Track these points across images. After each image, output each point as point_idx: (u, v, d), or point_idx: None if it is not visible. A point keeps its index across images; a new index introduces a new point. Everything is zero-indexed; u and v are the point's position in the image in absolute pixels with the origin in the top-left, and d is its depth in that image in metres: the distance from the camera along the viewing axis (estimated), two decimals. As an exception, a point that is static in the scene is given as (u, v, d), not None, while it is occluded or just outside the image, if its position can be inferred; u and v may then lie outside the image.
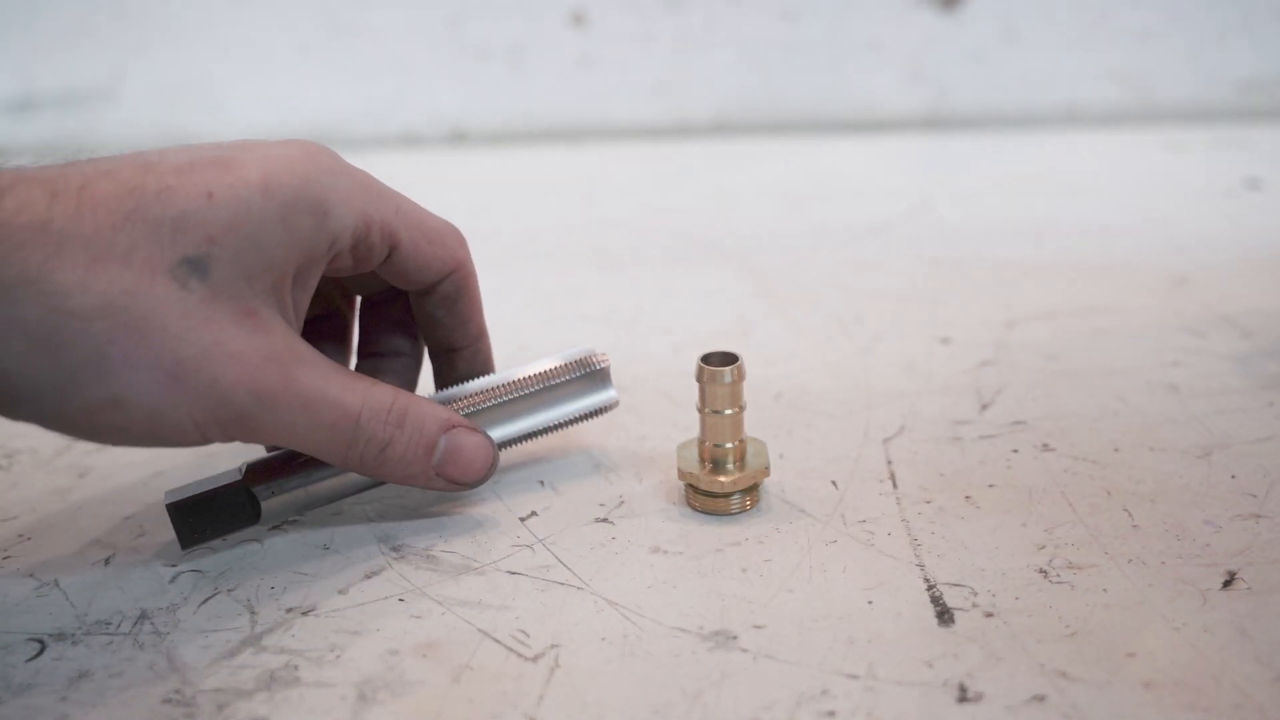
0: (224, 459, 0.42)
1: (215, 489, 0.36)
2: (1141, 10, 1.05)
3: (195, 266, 0.29)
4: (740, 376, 0.37)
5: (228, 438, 0.31)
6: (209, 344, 0.30)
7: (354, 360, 0.42)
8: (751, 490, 0.38)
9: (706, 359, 0.38)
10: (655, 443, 0.44)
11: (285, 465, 0.37)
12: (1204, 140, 0.96)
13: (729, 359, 0.38)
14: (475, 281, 0.39)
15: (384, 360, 0.41)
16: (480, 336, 0.40)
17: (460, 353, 0.40)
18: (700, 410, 0.38)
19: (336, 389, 0.32)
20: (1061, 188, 0.84)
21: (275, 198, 0.31)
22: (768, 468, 0.39)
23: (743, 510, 0.38)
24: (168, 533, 0.38)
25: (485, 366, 0.41)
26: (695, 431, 0.39)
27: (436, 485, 0.36)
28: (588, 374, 0.40)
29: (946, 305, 0.58)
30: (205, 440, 0.31)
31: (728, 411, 0.38)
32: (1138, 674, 0.29)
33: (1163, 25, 1.05)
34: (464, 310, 0.39)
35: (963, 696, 0.29)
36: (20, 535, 0.39)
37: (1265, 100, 1.06)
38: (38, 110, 1.09)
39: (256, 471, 0.36)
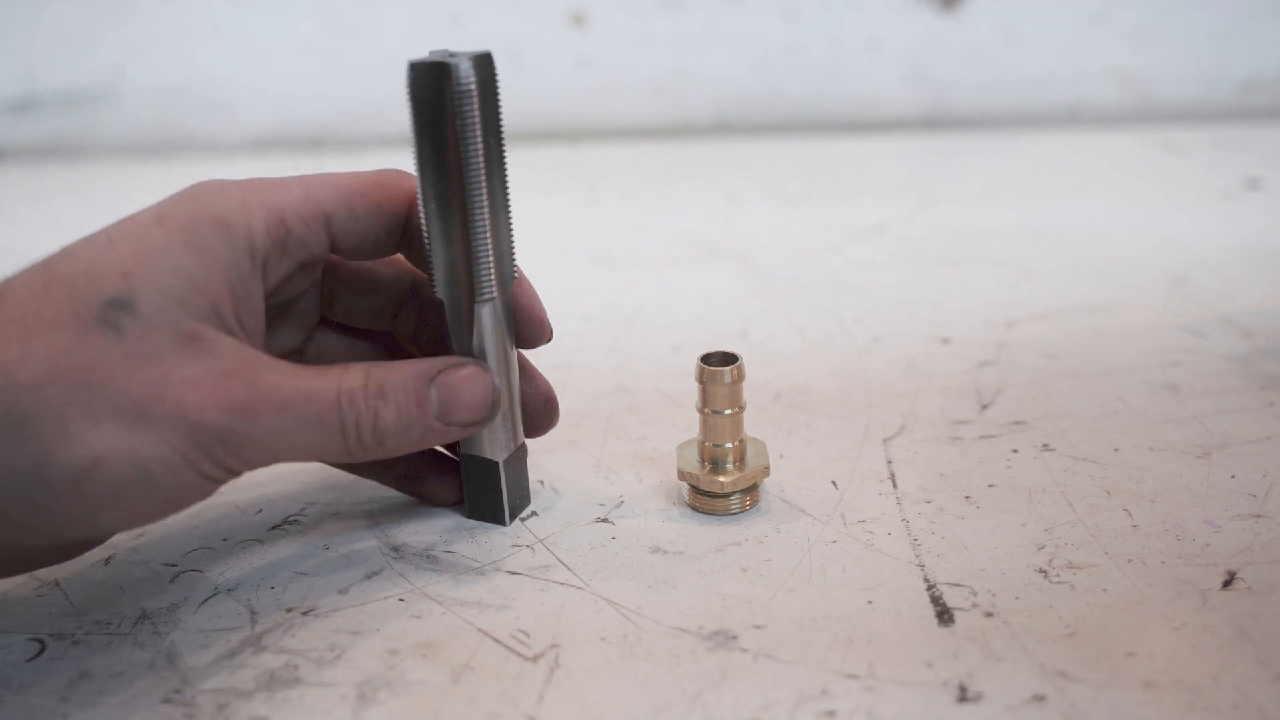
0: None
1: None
2: (1141, 10, 1.05)
3: (121, 306, 0.29)
4: (740, 376, 0.37)
5: (223, 468, 0.30)
6: (160, 377, 0.29)
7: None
8: (751, 490, 0.38)
9: (706, 359, 0.38)
10: (655, 443, 0.44)
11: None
12: (1203, 140, 0.96)
13: (729, 359, 0.38)
14: None
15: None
16: None
17: None
18: (700, 410, 0.38)
19: (307, 383, 0.32)
20: (1061, 188, 0.84)
21: (172, 225, 0.31)
22: (768, 468, 0.39)
23: (743, 510, 0.38)
24: (168, 533, 0.38)
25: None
26: (695, 431, 0.39)
27: (454, 436, 0.35)
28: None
29: (946, 305, 0.58)
30: (207, 477, 0.30)
31: (727, 411, 0.38)
32: (1138, 674, 0.29)
33: (1163, 25, 1.05)
34: None
35: (963, 696, 0.29)
36: (20, 535, 0.39)
37: (1265, 100, 1.06)
38: (38, 110, 1.09)
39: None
